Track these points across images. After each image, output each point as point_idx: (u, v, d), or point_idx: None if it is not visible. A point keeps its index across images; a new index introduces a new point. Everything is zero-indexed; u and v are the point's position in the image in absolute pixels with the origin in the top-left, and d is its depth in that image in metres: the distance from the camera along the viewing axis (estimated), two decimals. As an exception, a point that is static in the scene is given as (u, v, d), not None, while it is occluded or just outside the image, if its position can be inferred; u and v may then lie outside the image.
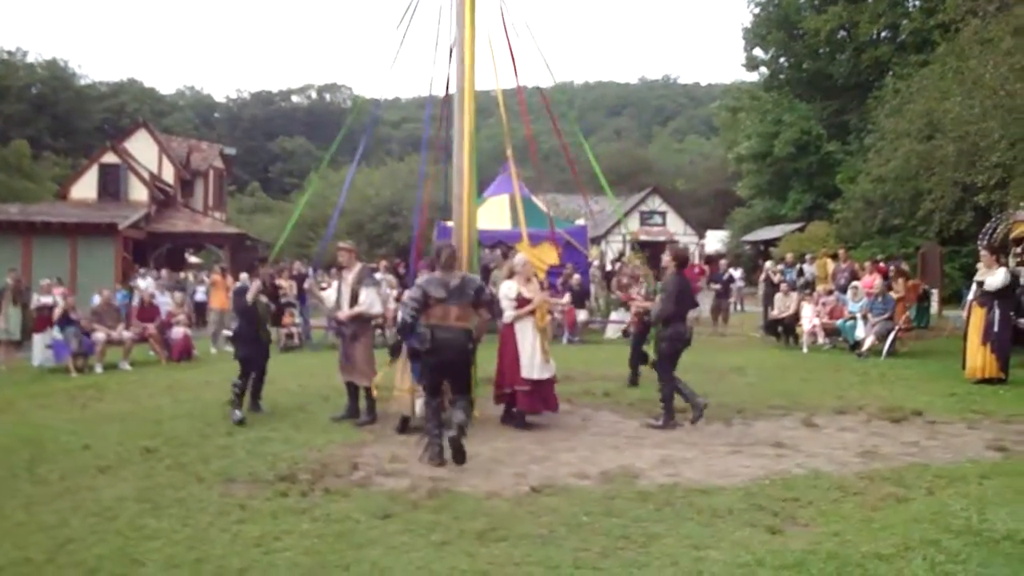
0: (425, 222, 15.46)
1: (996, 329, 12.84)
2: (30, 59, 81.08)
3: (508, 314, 10.08)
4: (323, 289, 12.60)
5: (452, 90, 11.51)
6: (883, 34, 37.62)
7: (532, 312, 10.20)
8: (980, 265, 13.61)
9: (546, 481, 7.46)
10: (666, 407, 10.01)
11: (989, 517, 6.04)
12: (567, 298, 19.25)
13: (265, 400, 11.39)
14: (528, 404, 10.10)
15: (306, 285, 11.38)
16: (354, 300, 10.53)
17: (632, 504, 6.67)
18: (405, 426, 9.66)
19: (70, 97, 78.23)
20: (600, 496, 6.93)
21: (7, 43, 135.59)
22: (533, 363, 10.05)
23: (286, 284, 19.51)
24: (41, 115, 73.37)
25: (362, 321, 10.65)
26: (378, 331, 15.82)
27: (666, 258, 10.60)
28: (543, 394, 10.19)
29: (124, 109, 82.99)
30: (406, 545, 5.81)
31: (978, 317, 13.19)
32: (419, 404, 9.44)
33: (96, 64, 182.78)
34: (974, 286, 13.80)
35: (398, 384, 9.78)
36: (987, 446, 8.75)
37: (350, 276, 10.73)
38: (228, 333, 17.13)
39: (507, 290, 10.24)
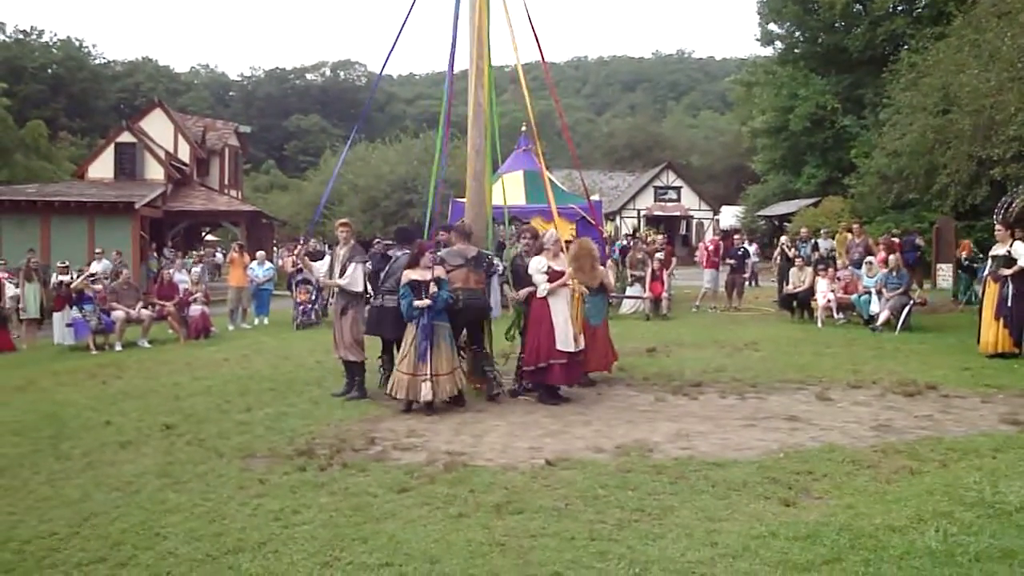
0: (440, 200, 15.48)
1: (1010, 304, 12.81)
2: (45, 39, 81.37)
3: (542, 287, 10.10)
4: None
5: (467, 66, 11.50)
6: (899, 7, 37.21)
7: (564, 284, 10.25)
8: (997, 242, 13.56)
9: (562, 454, 7.52)
10: None
11: (1002, 489, 6.06)
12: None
13: (283, 376, 11.49)
14: (564, 377, 10.18)
15: (296, 255, 11.54)
16: (343, 274, 10.66)
17: (647, 477, 6.73)
18: (410, 407, 9.67)
19: (86, 77, 78.52)
20: (615, 469, 6.99)
21: (23, 23, 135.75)
22: (568, 336, 10.10)
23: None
24: (57, 95, 73.67)
25: (352, 297, 10.70)
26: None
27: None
28: (576, 367, 10.29)
29: (139, 88, 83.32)
30: (423, 518, 5.89)
31: (993, 291, 13.17)
32: (424, 387, 9.48)
33: (111, 43, 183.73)
34: (989, 260, 13.75)
35: (403, 368, 9.69)
36: (1000, 419, 8.76)
37: (343, 251, 10.86)
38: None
39: (538, 264, 10.25)
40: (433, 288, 9.55)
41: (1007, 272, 12.90)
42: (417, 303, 9.48)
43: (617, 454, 7.55)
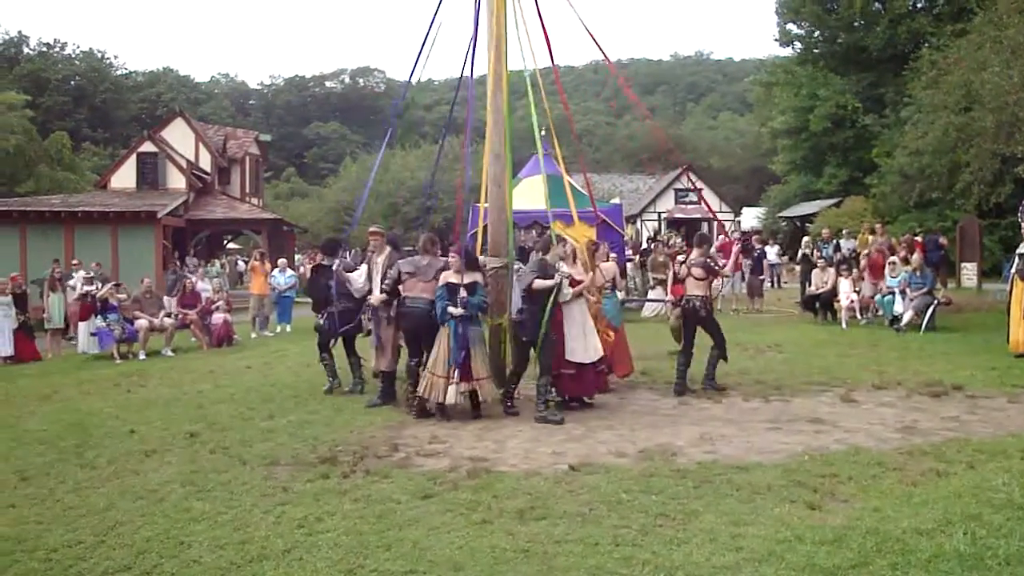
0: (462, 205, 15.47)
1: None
2: (68, 51, 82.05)
3: (566, 291, 10.05)
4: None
5: (484, 72, 11.50)
6: (919, 5, 37.05)
7: (580, 295, 10.20)
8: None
9: (584, 459, 7.51)
10: None
11: (1031, 491, 5.99)
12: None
13: (305, 384, 11.52)
14: (572, 389, 10.10)
15: (334, 267, 11.34)
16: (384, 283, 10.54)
17: (671, 481, 6.70)
18: (443, 412, 9.71)
19: (108, 88, 79.00)
20: (638, 474, 6.97)
21: (46, 36, 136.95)
22: (581, 347, 10.00)
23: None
24: (80, 107, 74.16)
25: (387, 304, 10.65)
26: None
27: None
28: (587, 378, 10.13)
29: (160, 98, 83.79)
30: (447, 525, 5.88)
31: (1020, 290, 13.04)
32: (451, 391, 9.50)
33: (132, 54, 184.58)
34: (1016, 259, 13.62)
35: (435, 371, 9.74)
36: (1029, 420, 8.70)
37: (380, 259, 10.75)
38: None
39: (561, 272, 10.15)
40: (463, 293, 9.58)
41: None
42: (451, 310, 9.52)
43: (640, 458, 7.53)
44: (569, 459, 7.55)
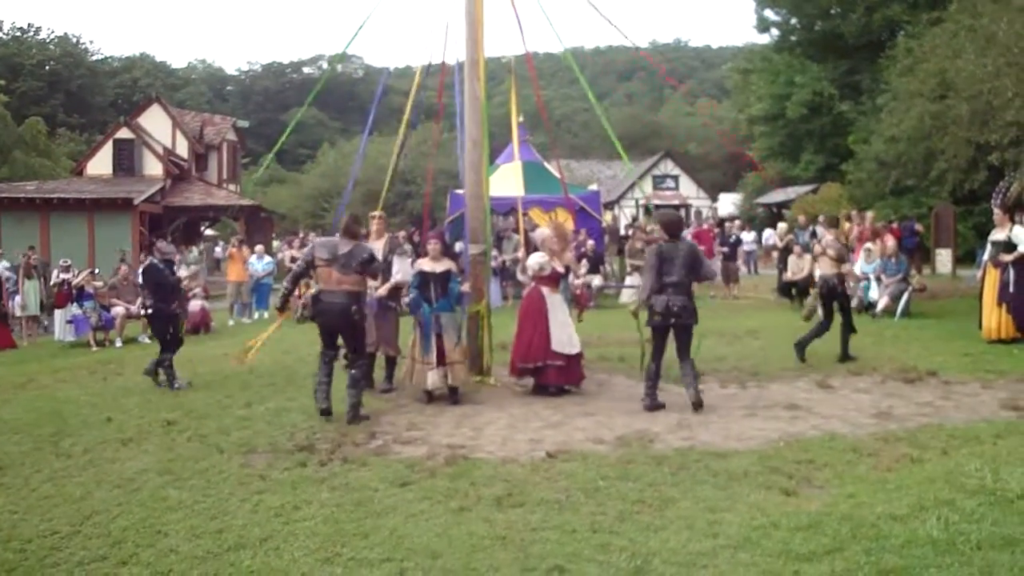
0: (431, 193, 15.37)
1: (1012, 289, 12.80)
2: (42, 36, 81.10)
3: (523, 277, 10.06)
4: None
5: (462, 57, 11.45)
6: (894, -8, 37.19)
7: (557, 283, 10.22)
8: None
9: (562, 446, 7.53)
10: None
11: (1003, 476, 6.03)
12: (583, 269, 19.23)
13: (283, 371, 11.48)
14: (561, 379, 10.10)
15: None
16: (386, 269, 10.44)
17: (648, 468, 6.73)
18: (430, 397, 9.76)
19: (83, 73, 78.21)
20: (616, 461, 6.99)
21: (20, 20, 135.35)
22: (566, 337, 10.02)
23: (299, 254, 19.55)
24: (55, 92, 73.34)
25: (393, 291, 10.59)
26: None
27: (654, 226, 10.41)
28: (574, 368, 10.19)
29: (137, 84, 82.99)
30: (424, 512, 5.89)
31: (993, 277, 13.15)
32: (431, 376, 9.56)
33: (108, 39, 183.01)
34: (988, 246, 13.72)
35: (416, 356, 9.80)
36: (1001, 406, 8.77)
37: (379, 245, 10.61)
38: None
39: (540, 260, 10.18)
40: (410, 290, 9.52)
41: (1008, 259, 12.88)
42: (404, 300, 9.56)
43: (618, 445, 7.56)
44: (546, 446, 7.56)
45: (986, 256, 13.82)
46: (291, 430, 8.45)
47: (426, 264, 9.85)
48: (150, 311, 11.72)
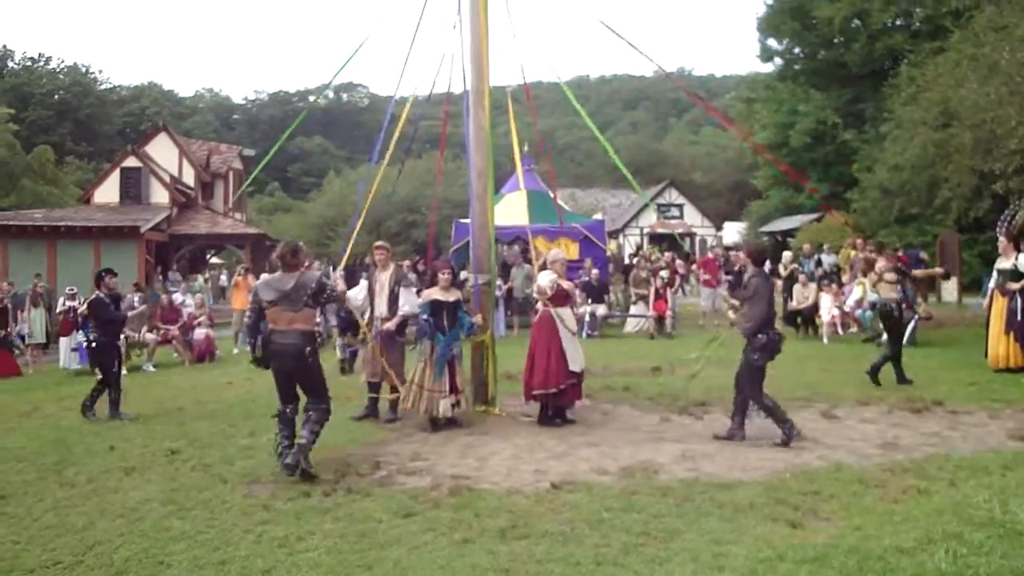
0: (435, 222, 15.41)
1: (1019, 318, 12.74)
2: (52, 66, 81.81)
3: (539, 297, 10.21)
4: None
5: (467, 87, 11.48)
6: (897, 21, 37.31)
7: (564, 304, 10.32)
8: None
9: (566, 477, 7.49)
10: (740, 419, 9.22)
11: (1012, 508, 6.00)
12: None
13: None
14: (576, 395, 10.24)
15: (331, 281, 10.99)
16: (392, 301, 10.48)
17: (652, 500, 6.69)
18: (435, 425, 9.77)
19: (92, 102, 78.87)
20: (620, 492, 6.96)
21: (30, 51, 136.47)
22: (578, 356, 10.15)
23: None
24: (64, 121, 73.94)
25: (401, 324, 10.56)
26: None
27: (741, 255, 10.48)
28: (580, 383, 10.30)
29: (145, 112, 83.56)
30: (428, 544, 5.86)
31: (1000, 305, 13.10)
32: (443, 404, 9.61)
33: (117, 68, 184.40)
34: (995, 274, 13.68)
35: (426, 384, 9.80)
36: (1009, 436, 8.73)
37: (385, 276, 10.63)
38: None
39: (549, 279, 10.24)
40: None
41: (1015, 287, 12.84)
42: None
43: (622, 476, 7.52)
44: (551, 477, 7.53)
45: (992, 284, 13.78)
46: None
47: (438, 294, 9.91)
48: (94, 344, 11.83)
